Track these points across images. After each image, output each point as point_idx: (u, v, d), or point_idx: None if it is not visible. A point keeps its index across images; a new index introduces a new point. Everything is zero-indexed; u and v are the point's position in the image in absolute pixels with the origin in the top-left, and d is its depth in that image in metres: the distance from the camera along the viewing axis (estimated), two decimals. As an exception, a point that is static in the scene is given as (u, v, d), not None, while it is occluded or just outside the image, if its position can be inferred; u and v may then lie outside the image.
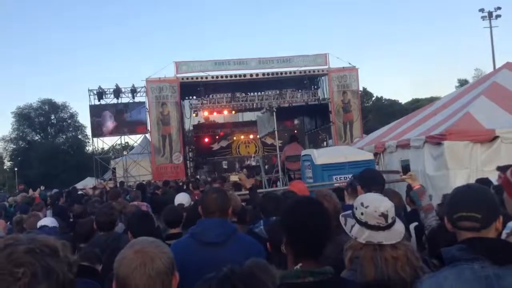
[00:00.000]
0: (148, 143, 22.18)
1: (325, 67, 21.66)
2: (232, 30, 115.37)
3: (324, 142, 22.98)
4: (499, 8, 31.87)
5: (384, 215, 2.05)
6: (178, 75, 20.90)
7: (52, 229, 4.81)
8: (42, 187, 16.40)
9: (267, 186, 13.25)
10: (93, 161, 23.08)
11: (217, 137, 26.23)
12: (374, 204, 2.09)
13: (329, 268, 1.84)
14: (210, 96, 21.33)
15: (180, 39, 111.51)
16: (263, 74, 21.03)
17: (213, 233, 2.77)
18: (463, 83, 41.90)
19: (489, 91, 7.86)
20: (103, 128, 21.97)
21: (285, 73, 21.15)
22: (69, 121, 53.30)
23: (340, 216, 2.22)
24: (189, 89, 21.53)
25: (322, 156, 8.40)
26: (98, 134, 22.33)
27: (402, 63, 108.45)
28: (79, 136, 52.74)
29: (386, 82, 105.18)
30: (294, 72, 21.23)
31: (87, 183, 22.90)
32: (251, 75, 20.94)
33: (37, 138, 52.47)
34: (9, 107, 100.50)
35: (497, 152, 6.46)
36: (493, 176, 4.23)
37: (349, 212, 2.19)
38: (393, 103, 51.09)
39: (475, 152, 6.56)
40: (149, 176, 20.44)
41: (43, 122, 52.01)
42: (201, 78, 20.77)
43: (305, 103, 21.05)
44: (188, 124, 24.30)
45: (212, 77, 20.72)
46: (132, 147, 27.74)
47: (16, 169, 46.53)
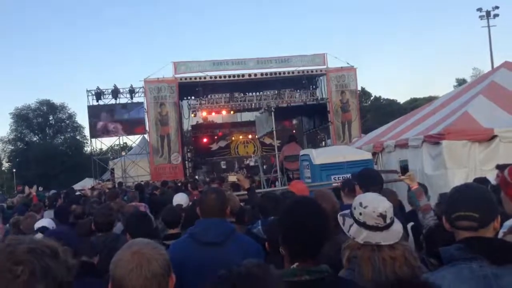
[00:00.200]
0: (147, 144, 22.15)
1: (323, 67, 21.67)
2: (231, 31, 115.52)
3: (323, 142, 23.00)
4: (497, 8, 31.95)
5: (383, 216, 2.04)
6: (177, 75, 20.88)
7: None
8: (40, 188, 16.36)
9: (266, 186, 13.26)
10: (92, 162, 23.06)
11: (216, 137, 26.20)
12: (373, 205, 2.08)
13: (326, 267, 1.83)
14: (209, 96, 21.31)
15: (179, 40, 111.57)
16: (262, 74, 21.02)
17: (212, 233, 2.77)
18: (461, 83, 42.01)
19: (487, 91, 7.87)
20: (102, 129, 21.94)
21: (284, 73, 21.15)
22: (67, 122, 53.20)
23: (339, 216, 2.21)
24: (188, 89, 21.52)
25: (321, 156, 8.41)
26: (97, 135, 22.29)
27: (400, 63, 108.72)
28: (77, 137, 52.65)
29: (385, 82, 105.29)
30: (293, 72, 21.23)
31: (86, 184, 22.92)
32: (250, 75, 20.93)
33: (35, 139, 52.33)
34: (7, 108, 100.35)
35: (496, 151, 6.47)
36: (492, 175, 4.24)
37: (348, 212, 2.18)
38: (392, 103, 51.09)
39: (474, 152, 6.56)
40: (148, 177, 20.39)
41: (41, 123, 51.88)
42: (200, 78, 20.75)
43: (304, 103, 21.03)
44: (187, 125, 24.27)
45: (211, 77, 20.70)
46: (131, 148, 27.72)
47: (15, 170, 46.46)
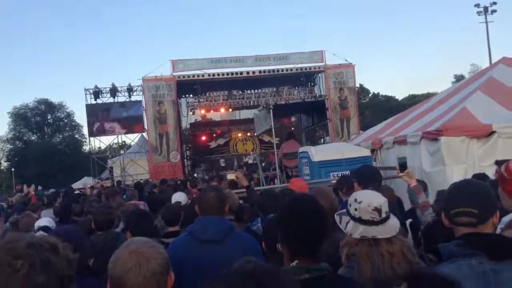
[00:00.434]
0: (145, 142, 22.13)
1: (322, 64, 21.64)
2: (228, 28, 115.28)
3: (321, 139, 22.98)
4: (495, 3, 31.97)
5: (378, 210, 2.04)
6: (175, 73, 20.84)
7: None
8: (39, 187, 16.34)
9: (265, 184, 13.27)
10: (90, 161, 23.02)
11: (214, 135, 26.21)
12: (368, 199, 2.09)
13: (325, 265, 1.83)
14: (207, 94, 21.29)
15: (176, 38, 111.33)
16: (260, 72, 21.01)
17: (211, 231, 2.77)
18: (460, 79, 41.99)
19: (486, 86, 7.86)
20: (99, 128, 21.89)
21: (282, 71, 21.13)
22: (66, 121, 53.17)
23: (335, 215, 2.21)
24: (186, 87, 21.48)
25: (319, 153, 8.40)
26: (95, 134, 22.26)
27: (399, 59, 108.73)
28: (76, 136, 52.64)
29: (383, 79, 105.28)
30: (291, 70, 21.22)
31: (85, 183, 22.87)
32: (248, 73, 20.90)
33: (34, 138, 52.31)
34: (6, 107, 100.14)
35: (494, 147, 6.46)
36: (490, 171, 4.23)
37: (344, 211, 2.19)
38: (390, 99, 51.12)
39: (472, 148, 6.56)
40: (147, 175, 20.37)
41: (40, 122, 51.84)
42: (198, 76, 20.71)
43: (302, 100, 21.03)
44: (185, 123, 24.25)
45: (209, 75, 20.67)
46: (129, 146, 27.68)
47: (13, 169, 46.40)
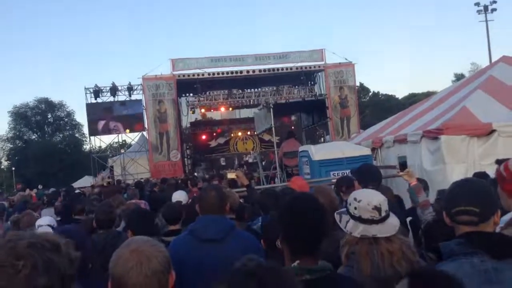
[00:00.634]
0: (146, 141, 22.13)
1: (322, 63, 21.64)
2: (228, 27, 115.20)
3: (322, 138, 22.98)
4: (495, 2, 31.90)
5: (378, 208, 2.05)
6: (175, 72, 20.84)
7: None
8: (40, 186, 16.37)
9: (265, 183, 13.28)
10: (91, 160, 23.03)
11: (215, 134, 26.21)
12: (367, 198, 2.09)
13: (328, 265, 1.83)
14: (207, 93, 21.28)
15: (176, 36, 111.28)
16: (260, 71, 21.01)
17: (212, 230, 2.77)
18: (460, 77, 41.96)
19: (486, 85, 7.86)
20: (103, 128, 21.88)
21: (282, 69, 21.13)
22: (66, 120, 53.15)
23: (335, 214, 2.21)
24: (186, 86, 21.48)
25: (320, 152, 8.40)
26: (95, 132, 22.26)
27: (399, 58, 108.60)
28: (76, 135, 52.65)
29: (383, 77, 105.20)
30: (291, 68, 21.21)
31: (85, 182, 22.89)
32: (248, 72, 20.91)
33: (34, 137, 52.29)
34: (6, 107, 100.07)
35: (494, 146, 6.46)
36: (491, 170, 4.22)
37: (344, 210, 2.20)
38: (390, 98, 51.07)
39: (472, 146, 6.55)
40: (147, 174, 20.38)
41: (40, 121, 51.83)
42: (198, 75, 20.71)
43: (302, 99, 21.02)
44: (185, 122, 24.27)
45: (209, 74, 20.67)
46: (130, 145, 27.66)
47: (14, 169, 46.41)
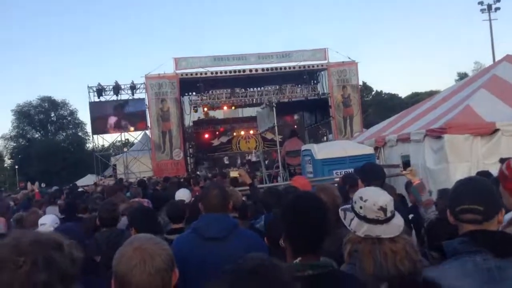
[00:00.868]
0: (148, 140, 22.19)
1: (325, 62, 21.64)
2: (231, 26, 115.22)
3: (324, 137, 23.00)
4: (498, 1, 31.75)
5: (383, 209, 2.04)
6: (178, 71, 20.87)
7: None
8: (43, 184, 16.41)
9: (268, 182, 13.27)
10: (94, 158, 23.10)
11: (217, 133, 26.23)
12: (373, 198, 2.08)
13: (329, 261, 1.84)
14: (210, 92, 21.31)
15: (179, 35, 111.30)
16: (263, 70, 21.03)
17: (215, 228, 2.78)
18: (463, 76, 41.81)
19: (489, 84, 7.84)
20: (103, 125, 21.94)
21: (285, 68, 21.15)
22: (69, 119, 53.25)
23: (340, 210, 2.21)
24: (189, 85, 21.51)
25: (323, 151, 8.41)
26: (98, 131, 22.31)
27: (402, 57, 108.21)
28: (79, 133, 52.72)
29: (386, 76, 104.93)
30: (294, 67, 21.21)
31: (88, 180, 22.95)
32: (251, 71, 20.93)
33: (37, 136, 52.38)
34: (9, 105, 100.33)
35: (498, 145, 6.45)
36: (494, 169, 4.21)
37: (349, 206, 2.19)
38: (393, 97, 50.95)
39: (476, 145, 6.54)
40: (150, 173, 20.45)
41: (43, 120, 51.94)
42: (201, 74, 20.75)
43: (305, 98, 21.03)
44: (188, 120, 24.31)
45: (212, 73, 20.70)
46: (133, 144, 27.74)
47: (17, 167, 46.56)
